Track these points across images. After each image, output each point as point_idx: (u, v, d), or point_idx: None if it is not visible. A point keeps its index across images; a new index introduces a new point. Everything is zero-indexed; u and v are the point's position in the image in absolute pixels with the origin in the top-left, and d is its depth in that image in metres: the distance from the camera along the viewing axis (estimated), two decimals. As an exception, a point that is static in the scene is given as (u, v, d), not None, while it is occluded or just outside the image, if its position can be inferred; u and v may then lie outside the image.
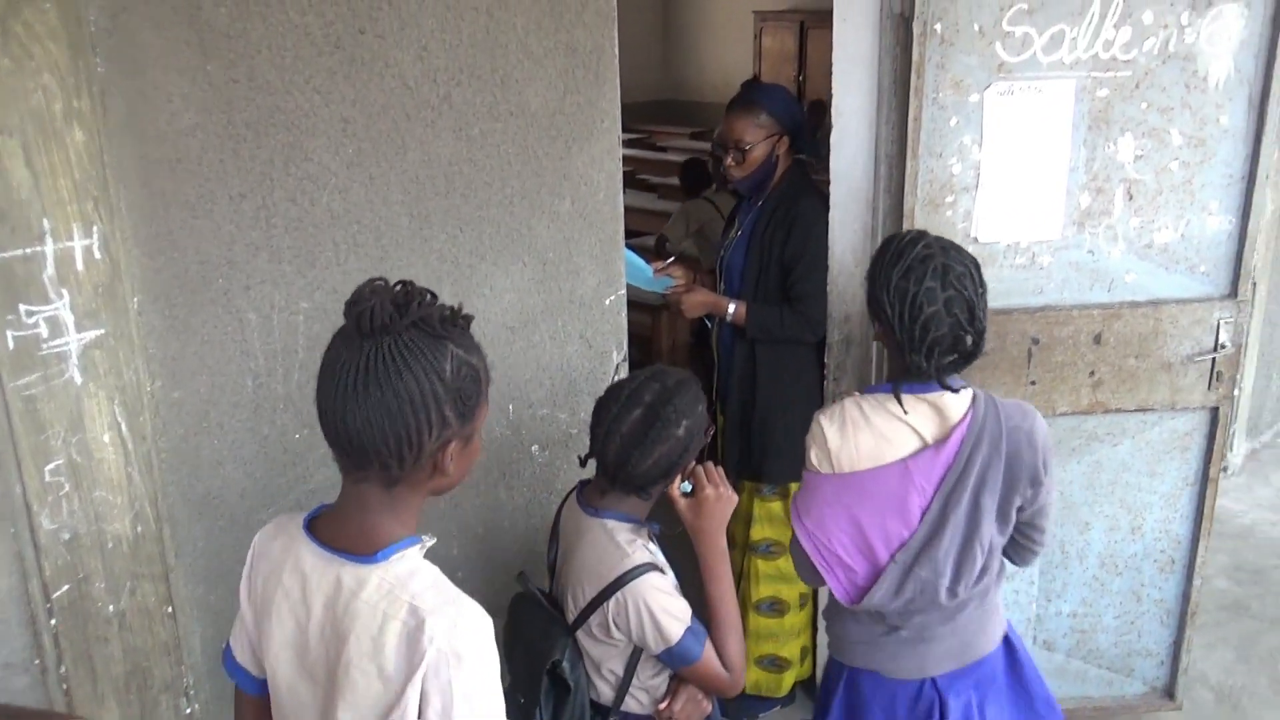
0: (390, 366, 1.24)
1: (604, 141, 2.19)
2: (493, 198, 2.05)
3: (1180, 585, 3.17)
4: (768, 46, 9.51)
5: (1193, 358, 2.92)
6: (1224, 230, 2.87)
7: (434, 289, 2.02)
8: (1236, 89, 2.76)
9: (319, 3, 1.75)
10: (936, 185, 2.74)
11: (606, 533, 1.83)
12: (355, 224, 1.88)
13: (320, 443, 1.93)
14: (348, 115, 1.82)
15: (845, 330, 2.99)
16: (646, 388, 1.82)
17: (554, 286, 2.19)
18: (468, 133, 1.99)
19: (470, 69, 1.96)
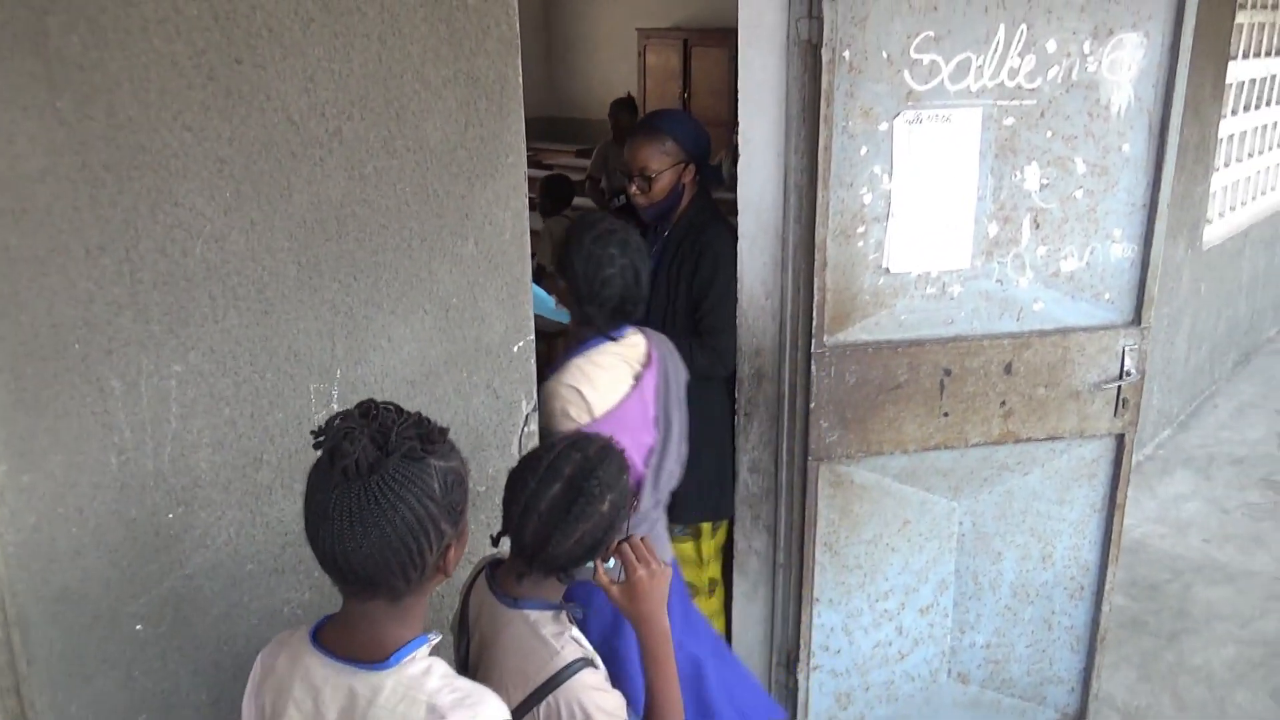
0: (384, 503, 1.25)
1: (509, 178, 2.01)
2: (389, 241, 1.86)
3: (1090, 611, 3.16)
4: (652, 64, 9.42)
5: (1099, 385, 2.90)
6: (1127, 258, 2.86)
7: (326, 343, 1.83)
8: (1137, 117, 2.75)
9: (188, 30, 1.54)
10: (848, 215, 2.66)
11: (530, 626, 1.64)
12: (234, 275, 1.66)
13: (197, 522, 1.71)
14: (224, 154, 1.61)
15: (756, 364, 2.88)
16: (566, 459, 1.64)
17: (458, 335, 2.00)
18: (360, 171, 1.79)
19: (362, 101, 1.77)
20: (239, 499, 1.74)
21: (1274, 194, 6.59)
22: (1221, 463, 5.14)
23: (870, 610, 3.02)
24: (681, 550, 3.03)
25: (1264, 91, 5.95)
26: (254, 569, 1.78)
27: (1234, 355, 6.25)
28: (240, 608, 1.78)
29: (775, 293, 2.80)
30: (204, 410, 1.66)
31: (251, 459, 1.74)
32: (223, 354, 1.67)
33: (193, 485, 1.67)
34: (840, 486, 2.87)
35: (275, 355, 1.74)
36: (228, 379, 1.69)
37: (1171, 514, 4.64)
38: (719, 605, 3.13)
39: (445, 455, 1.33)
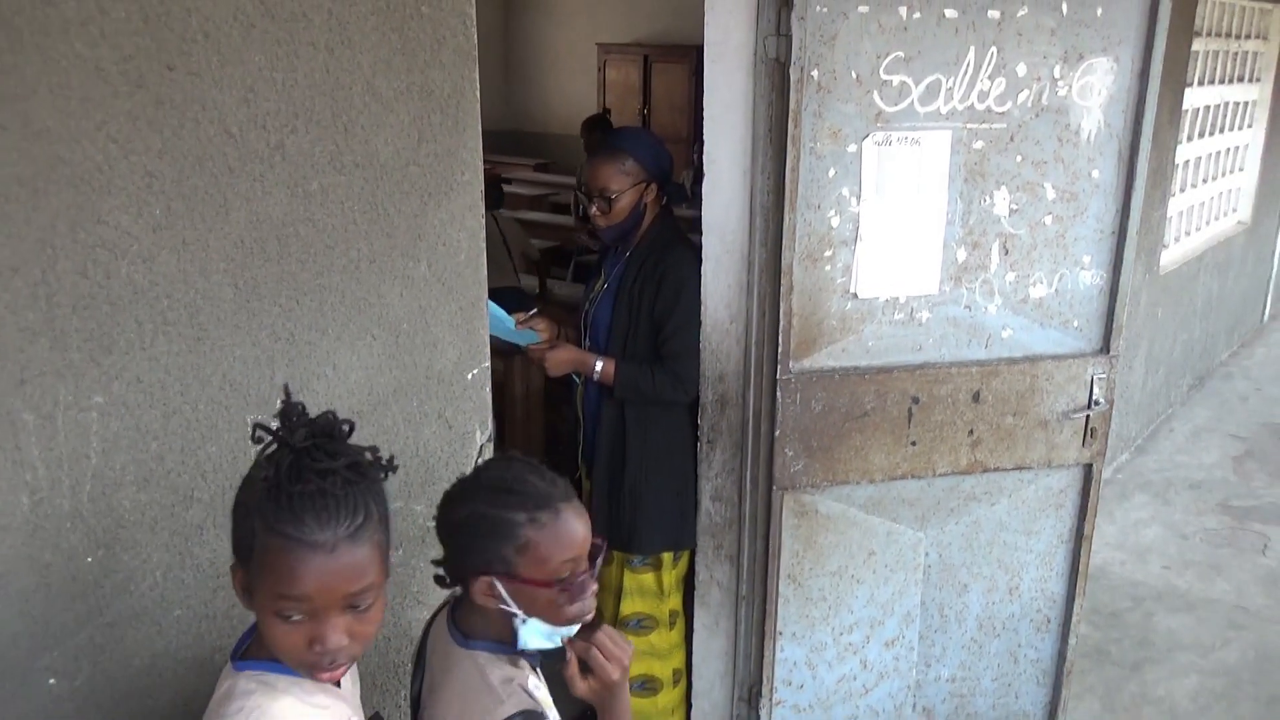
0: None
1: (465, 196, 1.90)
2: (335, 262, 1.73)
3: (1056, 644, 3.09)
4: (612, 79, 9.34)
5: (1068, 414, 2.84)
6: (1096, 285, 2.80)
7: (265, 371, 1.70)
8: (1107, 143, 2.70)
9: (114, 33, 1.41)
10: (815, 239, 2.57)
11: (478, 669, 1.50)
12: (164, 299, 1.53)
13: (120, 565, 1.57)
14: (153, 169, 1.48)
15: (720, 390, 2.78)
16: (486, 467, 1.56)
17: (408, 361, 1.88)
18: (305, 188, 1.66)
19: (307, 113, 1.65)
20: (166, 540, 1.60)
21: (1227, 219, 6.64)
22: (1179, 487, 5.12)
23: (835, 644, 2.92)
24: (641, 581, 2.92)
25: (1218, 118, 5.99)
26: (182, 614, 1.64)
27: (1189, 379, 6.26)
28: (166, 657, 1.63)
29: (740, 317, 2.71)
30: (128, 445, 1.52)
31: (181, 496, 1.61)
32: (150, 384, 1.53)
33: (115, 526, 1.53)
34: (805, 516, 2.78)
35: (208, 385, 1.60)
36: (156, 410, 1.55)
37: (1131, 539, 4.61)
38: (679, 638, 3.01)
39: (244, 486, 1.25)
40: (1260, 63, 6.49)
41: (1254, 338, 7.56)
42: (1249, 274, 7.01)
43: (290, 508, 1.17)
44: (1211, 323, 6.41)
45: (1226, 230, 6.49)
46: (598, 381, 2.78)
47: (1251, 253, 6.93)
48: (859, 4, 2.42)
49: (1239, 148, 6.55)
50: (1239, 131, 6.44)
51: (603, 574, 2.99)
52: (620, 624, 2.93)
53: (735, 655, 2.95)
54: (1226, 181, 6.46)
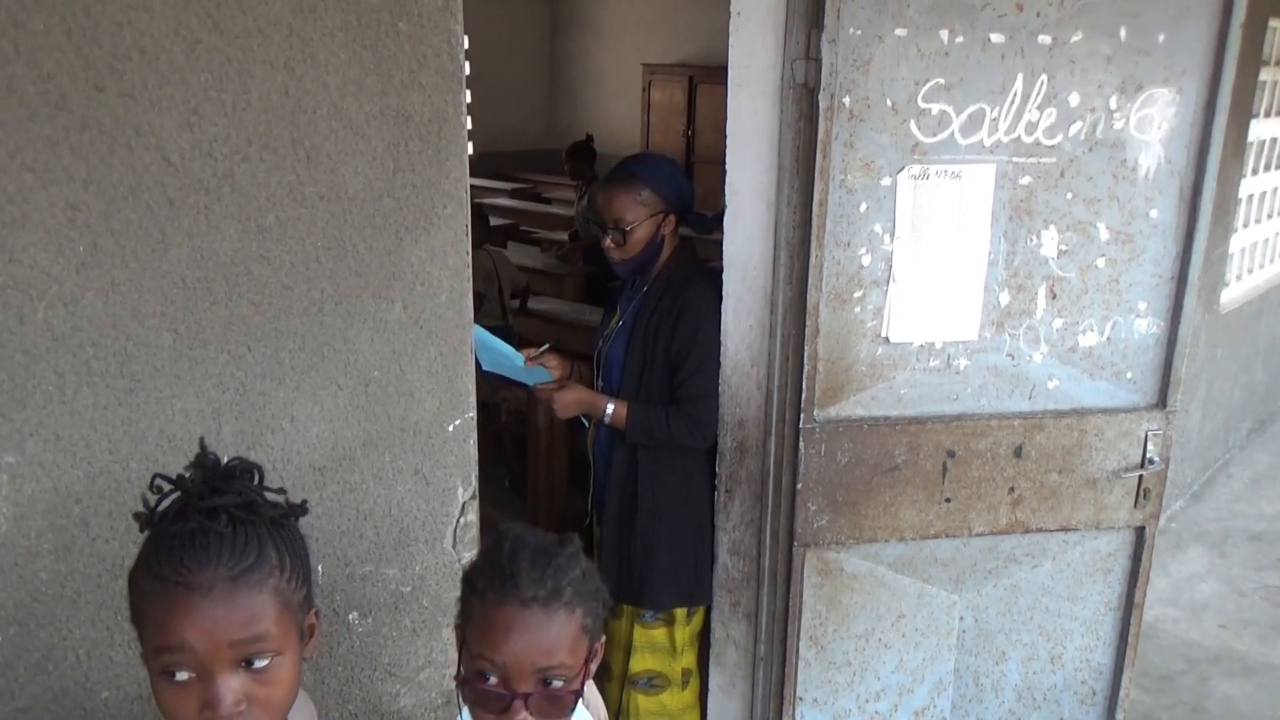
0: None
1: (448, 231, 1.70)
2: (294, 305, 1.54)
3: (1103, 719, 2.81)
4: (657, 99, 9.16)
5: (1119, 473, 2.57)
6: (1152, 334, 2.54)
7: (210, 425, 1.51)
8: (1167, 180, 2.44)
9: (30, 48, 1.23)
10: (844, 278, 2.34)
11: None
12: (90, 346, 1.34)
13: (34, 644, 1.39)
14: (77, 201, 1.30)
15: (739, 436, 2.56)
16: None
17: (379, 412, 1.68)
18: (259, 222, 1.47)
19: (263, 140, 1.46)
20: (91, 614, 1.41)
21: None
22: (1238, 539, 4.78)
23: (859, 711, 2.67)
24: (652, 637, 2.69)
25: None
26: (110, 696, 1.45)
27: (1249, 423, 5.90)
28: (91, 744, 1.45)
29: (762, 360, 2.49)
30: (45, 509, 1.34)
31: (109, 565, 1.42)
32: (72, 440, 1.35)
33: (29, 600, 1.34)
34: (829, 575, 2.54)
35: (142, 441, 1.42)
36: (78, 470, 1.36)
37: (1185, 595, 4.28)
38: (692, 699, 2.78)
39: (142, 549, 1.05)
40: (1330, 93, 6.13)
41: (1318, 378, 7.15)
42: (1314, 312, 6.62)
43: (168, 548, 1.01)
44: (1274, 364, 6.04)
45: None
46: (609, 425, 2.58)
47: (1318, 290, 6.54)
48: (896, 27, 2.19)
49: (1306, 181, 6.18)
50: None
51: (612, 627, 2.78)
52: (629, 682, 2.71)
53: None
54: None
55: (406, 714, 1.86)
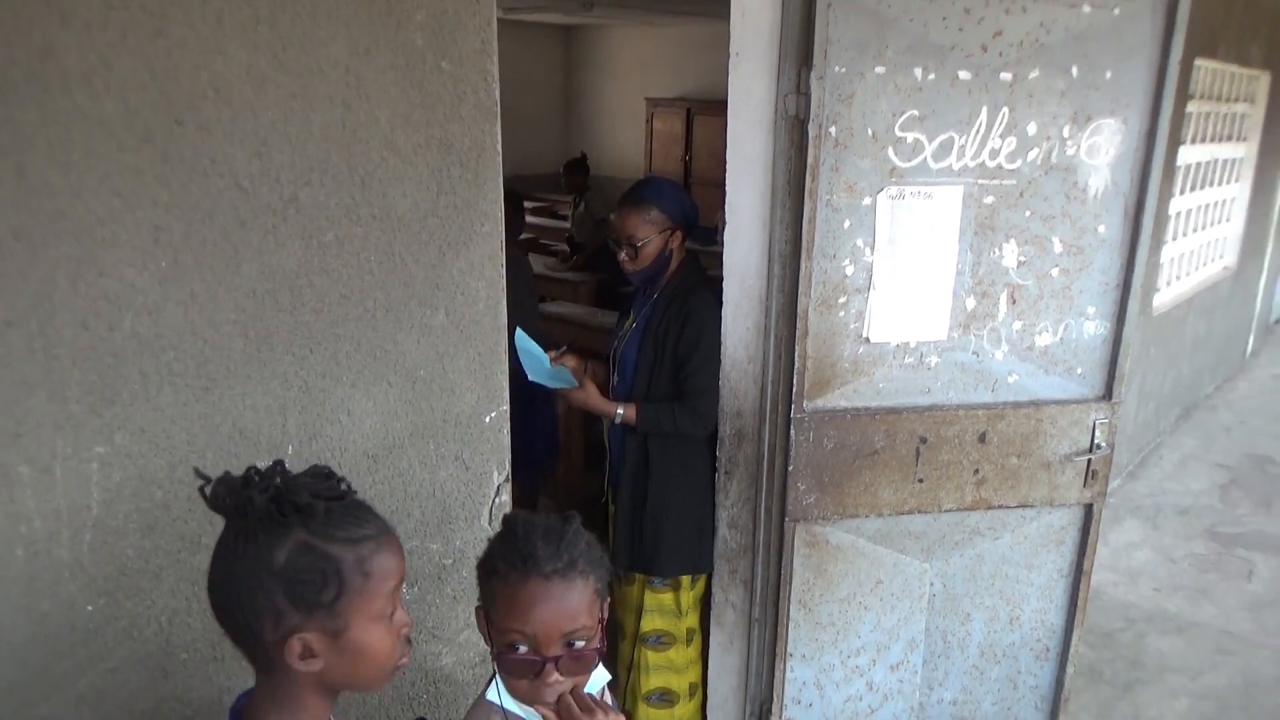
0: (226, 552, 1.01)
1: (484, 247, 1.67)
2: (350, 312, 1.52)
3: (1054, 672, 2.78)
4: (658, 129, 9.11)
5: (1070, 457, 2.54)
6: (1100, 335, 2.50)
7: (277, 419, 1.49)
8: (1113, 200, 2.41)
9: (119, 86, 1.21)
10: (830, 286, 2.31)
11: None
12: (171, 350, 1.32)
13: (122, 613, 1.36)
14: (160, 222, 1.27)
15: (737, 425, 2.52)
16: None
17: (425, 406, 1.65)
18: (319, 239, 1.45)
19: (322, 167, 1.43)
20: (172, 586, 1.39)
21: (1214, 265, 6.23)
22: (1168, 513, 4.75)
23: (842, 666, 2.65)
24: (661, 600, 2.67)
25: (1208, 173, 5.61)
26: (189, 658, 1.43)
27: (1177, 410, 5.86)
28: (172, 700, 1.42)
29: (757, 358, 2.45)
30: (131, 494, 1.32)
31: (188, 543, 1.40)
32: (155, 433, 1.32)
33: (117, 574, 1.32)
34: (816, 546, 2.51)
35: (217, 434, 1.39)
36: (161, 460, 1.34)
37: (1123, 562, 4.25)
38: (695, 654, 2.76)
39: (327, 537, 1.01)
40: (1247, 124, 6.09)
41: (1237, 373, 7.11)
42: (1234, 315, 6.58)
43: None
44: (1198, 360, 6.01)
45: (1214, 275, 6.09)
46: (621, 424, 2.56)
47: (1236, 296, 6.50)
48: (876, 65, 2.16)
49: (1227, 200, 6.15)
50: (1227, 186, 6.05)
51: (625, 592, 2.75)
52: (640, 640, 2.69)
53: (747, 673, 2.69)
54: (1215, 231, 6.06)
55: (447, 672, 1.84)
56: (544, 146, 10.18)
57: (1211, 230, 5.98)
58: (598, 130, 10.33)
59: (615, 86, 10.10)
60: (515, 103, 10.08)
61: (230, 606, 1.00)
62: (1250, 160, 6.18)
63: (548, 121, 10.48)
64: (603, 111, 10.33)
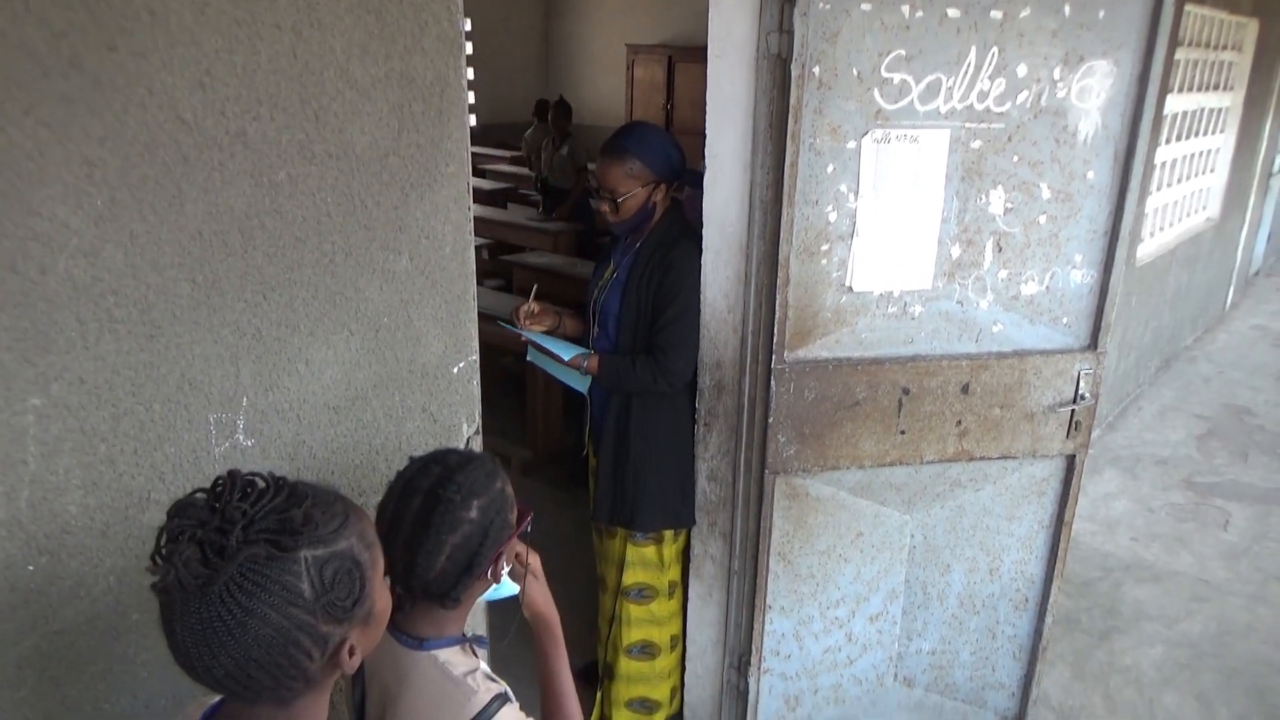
0: (231, 620, 0.86)
1: (450, 188, 1.58)
2: (306, 256, 1.43)
3: (1033, 622, 2.76)
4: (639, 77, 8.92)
5: (1054, 408, 2.50)
6: (1086, 284, 2.44)
7: (229, 369, 1.40)
8: (1103, 145, 2.33)
9: (42, 7, 1.10)
10: (812, 233, 2.23)
11: (439, 669, 1.24)
12: (110, 295, 1.23)
13: (66, 572, 1.29)
14: (94, 156, 1.18)
15: (717, 376, 2.46)
16: (425, 472, 1.25)
17: (389, 356, 1.57)
18: (271, 178, 1.35)
19: (272, 100, 1.33)
20: (121, 544, 1.32)
21: (1197, 216, 6.18)
22: (1147, 463, 4.75)
23: (821, 617, 2.62)
24: (643, 554, 2.62)
25: (1194, 123, 5.53)
26: (141, 619, 1.36)
27: (1157, 362, 5.85)
28: (125, 661, 1.36)
29: (738, 307, 2.38)
30: (72, 448, 1.23)
31: (136, 500, 1.32)
32: (96, 384, 1.24)
33: (60, 532, 1.25)
34: (796, 499, 2.47)
35: (164, 384, 1.31)
36: (103, 412, 1.26)
37: (1102, 512, 4.25)
38: (677, 607, 2.72)
39: (325, 539, 0.92)
40: (1234, 72, 6.00)
41: (1217, 324, 7.10)
42: (1215, 266, 6.55)
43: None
44: (1179, 311, 5.98)
45: (1196, 226, 6.04)
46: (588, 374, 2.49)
47: (1218, 247, 6.47)
48: (862, 2, 2.06)
49: (1211, 151, 6.08)
50: (1212, 136, 5.97)
51: (607, 546, 2.70)
52: (622, 593, 2.65)
53: (726, 625, 2.66)
54: (1198, 182, 6.00)
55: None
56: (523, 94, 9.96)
57: (1195, 181, 5.92)
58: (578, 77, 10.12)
59: (596, 32, 9.88)
60: (494, 49, 9.86)
61: (248, 670, 0.89)
62: (1236, 110, 6.10)
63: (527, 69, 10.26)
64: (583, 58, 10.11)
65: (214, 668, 0.88)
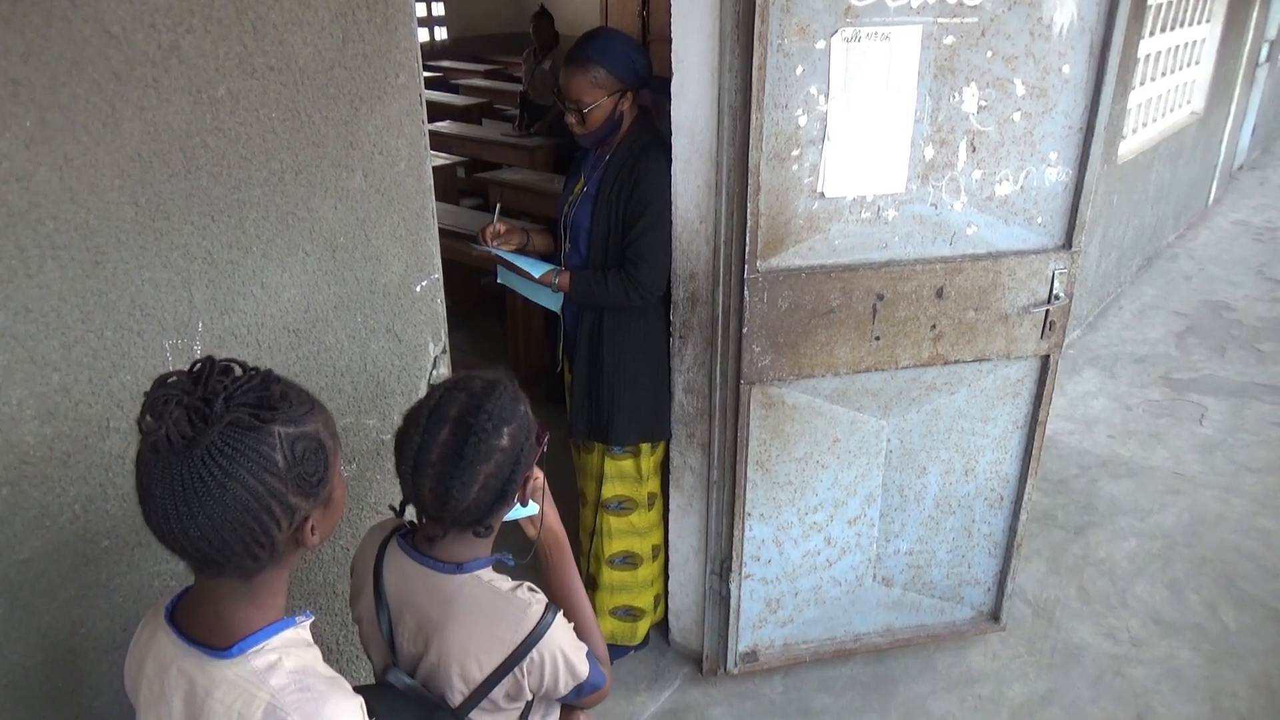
0: (209, 479, 0.93)
1: (402, 100, 1.53)
2: (254, 175, 1.38)
3: (1008, 520, 2.82)
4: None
5: (1028, 309, 2.49)
6: (1061, 182, 2.41)
7: (181, 294, 1.37)
8: (1079, 37, 2.26)
9: (-56, -87, 1.04)
10: (782, 139, 2.18)
11: (485, 586, 1.27)
12: (49, 220, 1.19)
13: (29, 502, 1.28)
14: (17, 74, 1.12)
15: (690, 288, 2.44)
16: (450, 400, 1.22)
17: (348, 276, 1.55)
18: (210, 94, 1.30)
19: (205, 11, 1.27)
20: (83, 472, 1.31)
21: (1181, 110, 6.09)
22: (1125, 361, 4.79)
23: (800, 523, 2.66)
24: (621, 467, 2.64)
25: (1178, 13, 5.40)
26: (111, 545, 1.36)
27: (1138, 260, 5.84)
28: (98, 587, 1.36)
29: (709, 217, 2.34)
30: (23, 378, 1.21)
31: (95, 428, 1.31)
32: (43, 312, 1.21)
33: (18, 463, 1.23)
34: (772, 408, 2.47)
35: (114, 310, 1.28)
36: (53, 341, 1.23)
37: (1080, 411, 4.30)
38: (657, 518, 2.76)
39: (297, 420, 0.99)
40: (1222, -42, 5.84)
41: (1199, 221, 7.08)
42: (1198, 162, 6.49)
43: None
44: (1161, 208, 5.95)
45: (1180, 121, 5.96)
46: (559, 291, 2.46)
47: (1201, 142, 6.39)
48: (828, -111, 1.97)
49: (1196, 42, 5.95)
50: (1197, 26, 5.84)
51: (585, 460, 2.72)
52: (602, 505, 2.68)
53: (707, 534, 2.69)
54: (1183, 75, 5.89)
55: (397, 545, 1.80)
56: (492, 5, 9.65)
57: (1179, 74, 5.82)
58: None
59: (567, -64, 9.51)
60: (461, -43, 9.47)
61: (221, 532, 0.95)
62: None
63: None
64: (555, -36, 9.74)
65: (190, 528, 0.93)
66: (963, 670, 2.83)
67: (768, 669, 2.80)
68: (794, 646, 2.81)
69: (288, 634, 1.05)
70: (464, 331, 4.62)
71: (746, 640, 2.75)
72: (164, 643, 1.05)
